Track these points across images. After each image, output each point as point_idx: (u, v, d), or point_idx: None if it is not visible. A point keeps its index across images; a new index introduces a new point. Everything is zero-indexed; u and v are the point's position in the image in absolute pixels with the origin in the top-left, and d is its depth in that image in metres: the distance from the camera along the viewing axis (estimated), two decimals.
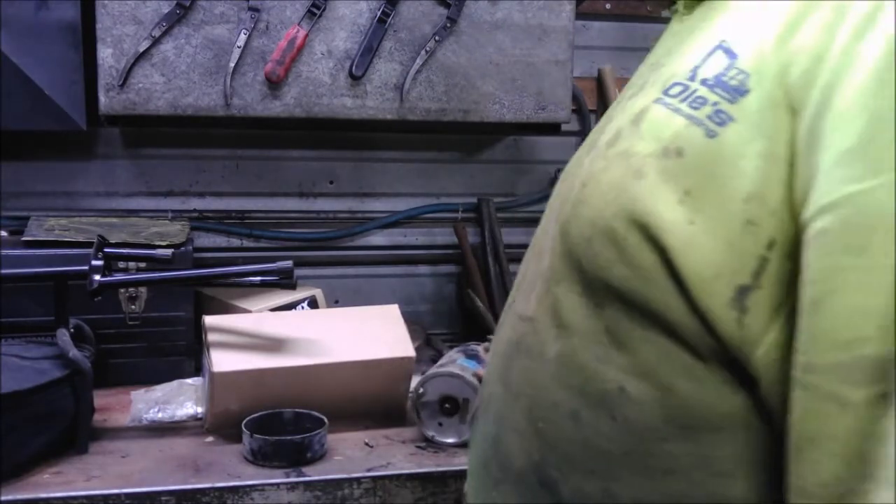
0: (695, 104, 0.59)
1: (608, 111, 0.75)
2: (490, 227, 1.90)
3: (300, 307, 1.61)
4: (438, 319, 1.98)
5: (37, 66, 1.55)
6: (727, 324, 0.56)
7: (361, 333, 1.35)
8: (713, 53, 0.61)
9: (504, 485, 0.71)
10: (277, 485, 1.11)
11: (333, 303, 1.87)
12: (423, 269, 1.98)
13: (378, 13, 1.54)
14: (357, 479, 1.14)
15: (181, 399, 1.35)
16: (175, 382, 1.39)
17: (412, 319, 1.63)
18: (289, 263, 1.29)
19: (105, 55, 1.46)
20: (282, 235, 1.87)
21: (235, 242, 1.86)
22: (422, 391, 1.23)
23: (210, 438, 1.27)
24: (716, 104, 0.58)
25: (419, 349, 1.55)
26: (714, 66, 0.60)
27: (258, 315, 1.49)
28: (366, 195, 1.92)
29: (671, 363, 0.60)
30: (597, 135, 0.71)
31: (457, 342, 1.86)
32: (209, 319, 1.32)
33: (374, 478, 1.15)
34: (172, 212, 1.80)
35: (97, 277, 1.25)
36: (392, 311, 1.42)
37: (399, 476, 1.15)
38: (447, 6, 1.57)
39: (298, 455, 1.17)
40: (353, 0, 1.53)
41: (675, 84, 0.62)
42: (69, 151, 1.76)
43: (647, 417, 0.61)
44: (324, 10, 1.52)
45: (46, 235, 1.52)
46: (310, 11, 1.51)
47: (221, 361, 1.25)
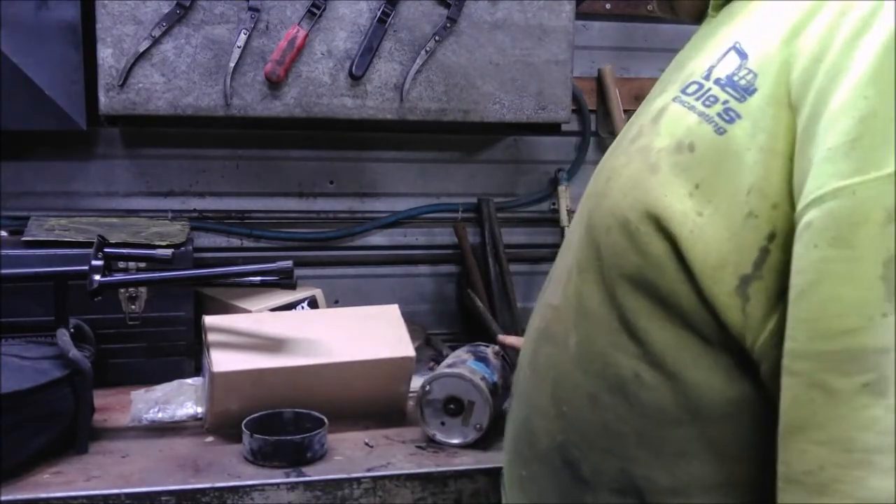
0: (707, 102, 0.62)
1: (637, 110, 0.78)
2: (490, 227, 1.90)
3: (300, 307, 1.61)
4: (438, 319, 1.98)
5: (37, 66, 1.55)
6: (732, 311, 0.59)
7: (361, 333, 1.36)
8: (727, 54, 0.64)
9: (533, 464, 0.75)
10: (277, 485, 1.11)
11: (333, 303, 1.87)
12: (423, 269, 1.98)
13: (378, 13, 1.54)
14: (357, 479, 1.14)
15: (181, 399, 1.35)
16: (175, 382, 1.39)
17: (412, 319, 1.63)
18: (289, 263, 1.29)
19: (105, 55, 1.47)
20: (282, 235, 1.87)
21: (235, 242, 1.86)
22: (428, 389, 1.23)
23: (210, 438, 1.27)
24: (726, 102, 0.61)
25: (419, 349, 1.55)
26: (727, 66, 0.63)
27: (258, 315, 1.49)
28: (366, 195, 1.92)
29: (681, 350, 0.63)
30: (623, 133, 0.74)
31: (457, 342, 1.87)
32: (209, 319, 1.32)
33: (374, 478, 1.15)
34: (172, 212, 1.80)
35: (97, 277, 1.25)
36: (392, 311, 1.42)
37: (399, 476, 1.15)
38: (447, 6, 1.57)
39: (298, 455, 1.17)
40: (353, 0, 1.53)
41: (692, 83, 0.65)
42: (69, 151, 1.76)
43: (660, 402, 0.64)
44: (324, 10, 1.52)
45: (46, 235, 1.52)
46: (310, 11, 1.51)
47: (221, 361, 1.25)
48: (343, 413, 1.31)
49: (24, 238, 1.51)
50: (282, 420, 1.25)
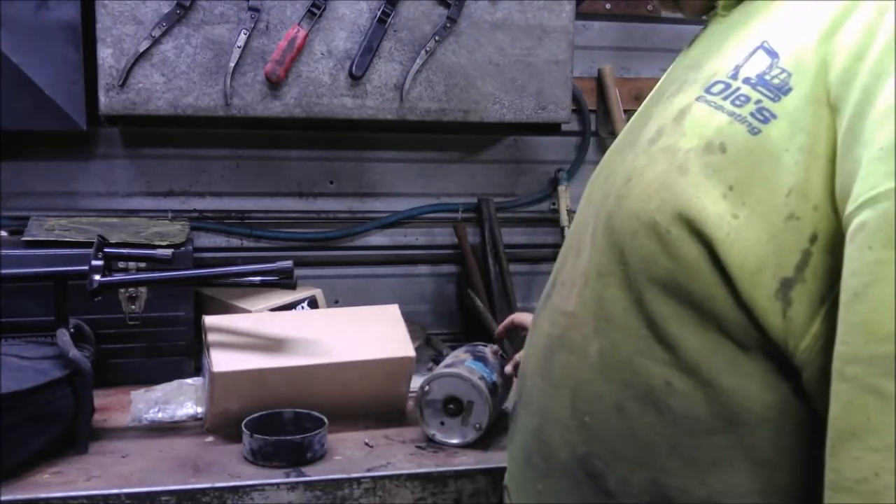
0: (737, 102, 0.61)
1: (644, 108, 0.76)
2: (490, 227, 1.90)
3: (300, 307, 1.61)
4: (438, 319, 1.98)
5: (37, 66, 1.55)
6: (772, 315, 0.58)
7: (361, 333, 1.36)
8: (755, 53, 0.63)
9: (549, 477, 0.72)
10: (277, 485, 1.11)
11: (333, 303, 1.87)
12: (423, 269, 1.98)
13: (378, 13, 1.54)
14: (357, 479, 1.14)
15: (181, 399, 1.35)
16: (175, 382, 1.39)
17: (412, 319, 1.63)
18: (289, 263, 1.29)
19: (105, 55, 1.47)
20: (282, 235, 1.87)
21: (235, 242, 1.86)
22: (427, 389, 1.23)
23: (210, 438, 1.27)
24: (759, 102, 0.60)
25: (419, 349, 1.55)
26: (756, 66, 0.62)
27: (258, 315, 1.49)
28: (366, 195, 1.92)
29: (716, 356, 0.61)
30: (634, 133, 0.72)
31: (457, 342, 1.87)
32: (209, 319, 1.32)
33: (374, 478, 1.15)
34: (172, 212, 1.80)
35: (97, 277, 1.25)
36: (392, 311, 1.42)
37: (399, 476, 1.15)
38: (447, 6, 1.57)
39: (298, 455, 1.17)
40: (353, 0, 1.53)
41: (717, 82, 0.64)
42: (69, 151, 1.76)
43: (693, 410, 0.62)
44: (324, 10, 1.52)
45: (46, 235, 1.52)
46: (310, 11, 1.51)
47: (221, 361, 1.25)
48: (343, 413, 1.31)
49: (24, 238, 1.51)
50: (282, 420, 1.25)
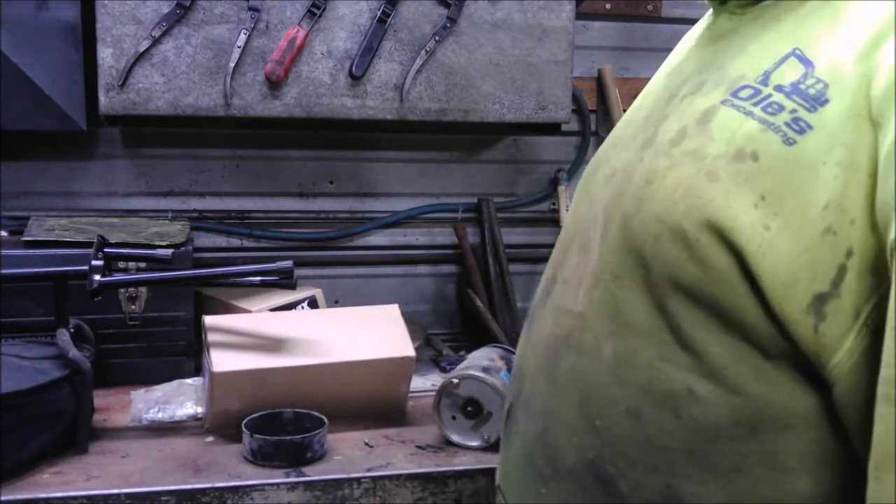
0: (769, 109, 0.59)
1: (652, 104, 0.74)
2: (490, 227, 1.90)
3: (300, 307, 1.61)
4: (438, 319, 1.98)
5: (37, 66, 1.55)
6: (804, 329, 0.56)
7: (361, 333, 1.36)
8: (786, 60, 0.61)
9: (554, 481, 0.71)
10: (277, 485, 1.11)
11: (333, 303, 1.87)
12: (423, 269, 1.98)
13: (378, 13, 1.54)
14: (357, 479, 1.14)
15: (181, 399, 1.35)
16: (175, 382, 1.39)
17: (412, 319, 1.63)
18: (289, 263, 1.29)
19: (105, 55, 1.46)
20: (282, 235, 1.87)
21: (235, 242, 1.86)
22: (456, 382, 1.22)
23: (210, 438, 1.27)
24: (794, 111, 0.58)
25: (419, 349, 1.55)
26: (789, 73, 0.60)
27: (258, 315, 1.49)
28: (366, 195, 1.92)
29: (741, 364, 0.60)
30: (641, 129, 0.71)
31: (457, 342, 1.87)
32: (209, 319, 1.32)
33: (374, 478, 1.15)
34: (172, 212, 1.80)
35: (97, 277, 1.25)
36: (392, 311, 1.42)
37: (399, 476, 1.15)
38: (447, 6, 1.57)
39: (298, 455, 1.17)
40: (353, 0, 1.53)
41: (745, 87, 0.62)
42: (69, 151, 1.76)
43: (715, 417, 0.61)
44: (324, 10, 1.52)
45: (46, 235, 1.52)
46: (310, 11, 1.51)
47: (221, 361, 1.25)
48: (343, 413, 1.31)
49: (24, 238, 1.51)
50: (282, 420, 1.25)
